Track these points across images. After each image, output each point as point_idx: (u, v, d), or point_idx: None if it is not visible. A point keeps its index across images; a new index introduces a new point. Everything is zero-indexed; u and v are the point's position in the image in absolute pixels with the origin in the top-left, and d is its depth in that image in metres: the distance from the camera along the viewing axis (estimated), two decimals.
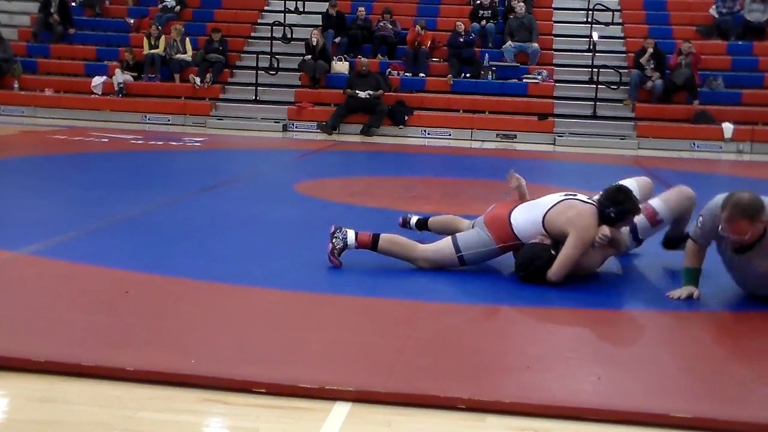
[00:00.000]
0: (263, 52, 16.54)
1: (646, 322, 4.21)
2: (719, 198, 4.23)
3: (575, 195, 4.82)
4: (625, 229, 4.94)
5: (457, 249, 4.80)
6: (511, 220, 4.76)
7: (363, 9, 17.27)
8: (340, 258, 4.79)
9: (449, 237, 4.92)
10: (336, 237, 4.81)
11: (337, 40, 16.92)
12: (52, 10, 17.51)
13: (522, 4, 16.77)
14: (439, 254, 4.84)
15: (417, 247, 4.87)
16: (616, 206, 4.62)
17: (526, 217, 4.76)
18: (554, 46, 17.20)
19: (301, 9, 18.26)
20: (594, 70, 15.86)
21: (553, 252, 4.58)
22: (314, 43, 16.10)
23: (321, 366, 3.22)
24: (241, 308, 4.01)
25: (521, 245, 4.72)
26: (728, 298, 4.63)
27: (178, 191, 7.54)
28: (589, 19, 17.37)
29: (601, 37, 16.88)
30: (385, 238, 4.88)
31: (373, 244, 4.85)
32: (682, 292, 4.41)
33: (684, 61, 15.34)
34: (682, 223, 5.15)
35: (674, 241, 5.26)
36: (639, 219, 4.92)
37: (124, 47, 16.98)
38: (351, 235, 4.82)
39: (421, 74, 16.22)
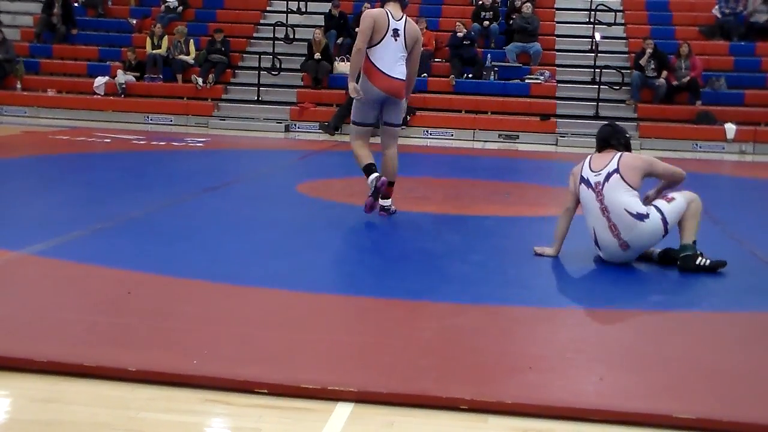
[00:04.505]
0: (265, 53, 16.56)
1: (648, 323, 4.20)
2: None
3: None
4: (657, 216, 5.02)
5: None
6: None
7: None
8: None
9: None
10: None
11: (340, 40, 16.91)
12: (54, 11, 17.53)
13: (528, 3, 16.76)
14: None
15: None
16: None
17: None
18: (556, 47, 17.20)
19: (304, 9, 18.28)
20: (596, 70, 15.86)
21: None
22: (317, 49, 16.08)
23: (323, 366, 3.22)
24: (243, 309, 4.00)
25: None
26: (730, 298, 4.62)
27: (181, 192, 7.54)
28: (592, 20, 17.38)
29: (603, 37, 16.89)
30: None
31: None
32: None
33: (684, 64, 15.32)
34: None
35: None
36: (661, 203, 5.08)
37: (127, 48, 17.00)
38: None
39: (424, 75, 16.20)
